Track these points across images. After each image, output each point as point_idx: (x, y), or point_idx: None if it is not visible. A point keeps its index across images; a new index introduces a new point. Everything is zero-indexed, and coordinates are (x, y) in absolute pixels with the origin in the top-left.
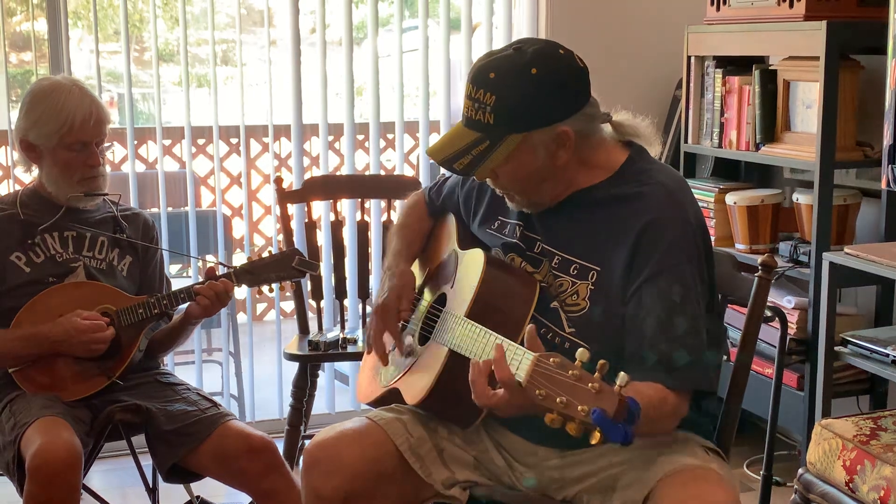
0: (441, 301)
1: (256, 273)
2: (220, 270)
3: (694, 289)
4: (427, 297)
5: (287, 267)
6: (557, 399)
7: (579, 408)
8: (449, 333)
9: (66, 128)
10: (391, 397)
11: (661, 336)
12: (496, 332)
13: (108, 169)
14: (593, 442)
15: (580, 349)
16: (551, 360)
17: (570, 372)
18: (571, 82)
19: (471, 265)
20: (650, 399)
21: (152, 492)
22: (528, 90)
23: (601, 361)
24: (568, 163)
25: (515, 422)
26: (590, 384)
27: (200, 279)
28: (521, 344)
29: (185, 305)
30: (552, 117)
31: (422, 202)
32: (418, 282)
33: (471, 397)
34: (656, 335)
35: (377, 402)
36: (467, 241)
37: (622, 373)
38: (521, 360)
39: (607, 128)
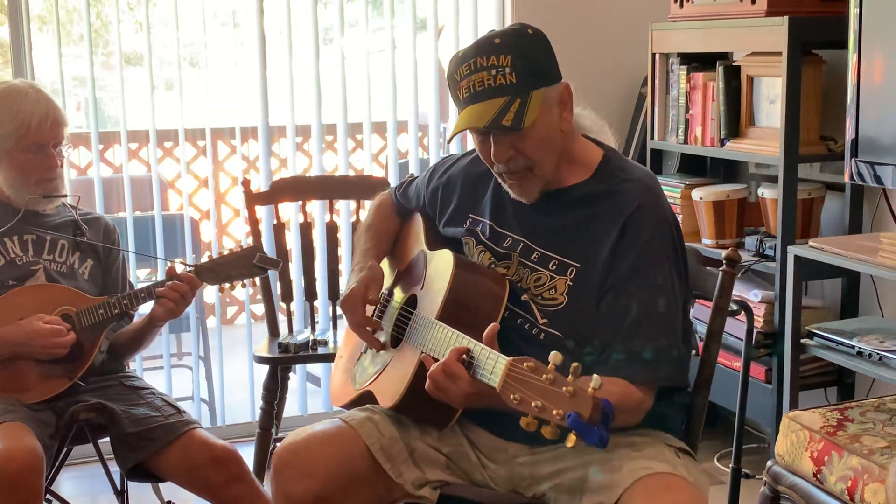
0: (412, 303)
1: (217, 271)
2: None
3: (671, 285)
4: (398, 297)
5: (248, 264)
6: (532, 404)
7: (554, 412)
8: (421, 336)
9: (23, 129)
10: (365, 400)
11: (635, 332)
12: (468, 332)
13: (67, 172)
14: (569, 445)
15: (553, 352)
16: (524, 364)
17: (543, 376)
18: (551, 48)
19: (440, 267)
20: (616, 395)
21: (121, 495)
22: (533, 46)
23: (574, 364)
24: (566, 135)
25: (487, 419)
26: (564, 388)
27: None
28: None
29: (146, 304)
30: (557, 72)
31: (388, 202)
32: (388, 282)
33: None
34: (631, 331)
35: (351, 406)
36: (435, 241)
37: (595, 375)
38: (494, 365)
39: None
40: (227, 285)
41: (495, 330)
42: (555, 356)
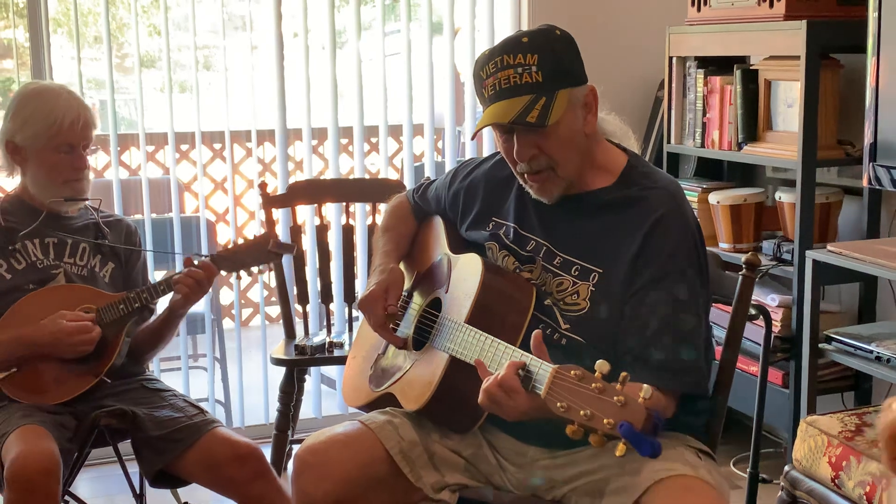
0: (434, 305)
1: (233, 258)
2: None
3: (695, 294)
4: (418, 300)
5: (263, 250)
6: (581, 412)
7: (605, 421)
8: (449, 339)
9: (55, 129)
10: (385, 402)
11: (659, 340)
12: (496, 337)
13: (91, 175)
14: (618, 454)
15: (599, 361)
16: (571, 372)
17: (592, 385)
18: (577, 50)
19: (467, 270)
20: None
21: (140, 497)
22: (561, 46)
23: (623, 374)
24: (589, 138)
25: (507, 422)
26: (615, 397)
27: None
28: (520, 347)
29: (166, 297)
30: (583, 74)
31: (405, 204)
32: (407, 284)
33: (470, 403)
34: (655, 339)
35: (369, 407)
36: (458, 244)
37: (646, 385)
38: (537, 372)
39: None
40: (243, 273)
41: (539, 336)
42: (601, 365)
